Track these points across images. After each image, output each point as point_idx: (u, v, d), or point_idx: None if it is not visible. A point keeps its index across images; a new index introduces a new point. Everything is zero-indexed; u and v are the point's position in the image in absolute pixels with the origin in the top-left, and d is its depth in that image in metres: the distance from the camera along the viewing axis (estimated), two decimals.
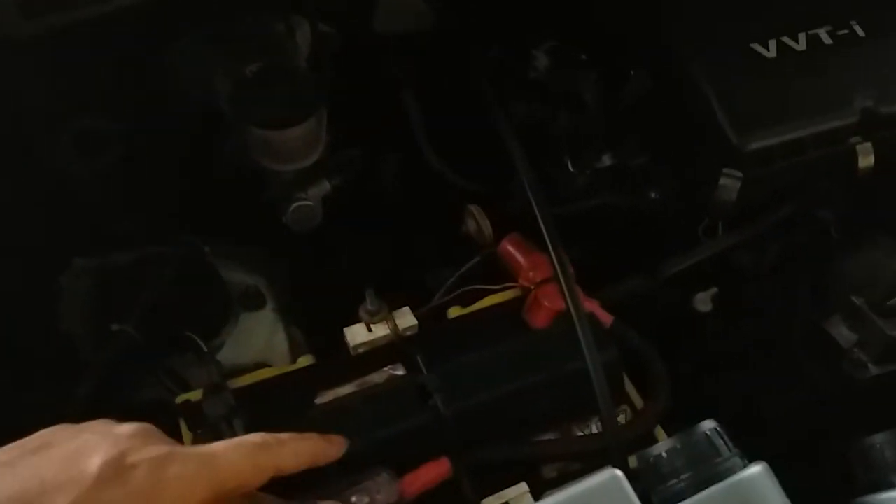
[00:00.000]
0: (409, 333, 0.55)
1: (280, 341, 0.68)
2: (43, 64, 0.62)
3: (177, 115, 0.70)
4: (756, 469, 0.38)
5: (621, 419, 0.52)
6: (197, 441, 0.49)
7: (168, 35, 0.68)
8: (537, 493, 0.48)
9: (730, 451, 0.39)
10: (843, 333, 0.70)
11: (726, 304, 0.70)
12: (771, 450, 0.69)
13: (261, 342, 0.67)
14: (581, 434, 0.51)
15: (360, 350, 0.54)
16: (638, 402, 0.54)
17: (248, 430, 0.48)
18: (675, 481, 0.39)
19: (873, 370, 0.69)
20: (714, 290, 0.69)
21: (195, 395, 0.52)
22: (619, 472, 0.37)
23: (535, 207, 0.51)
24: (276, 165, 0.66)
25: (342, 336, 0.58)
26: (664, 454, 0.39)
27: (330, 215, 0.73)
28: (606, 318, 0.54)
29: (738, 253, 0.70)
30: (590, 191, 0.66)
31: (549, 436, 0.51)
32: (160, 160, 0.70)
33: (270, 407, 0.51)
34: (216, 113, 0.70)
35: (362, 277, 0.76)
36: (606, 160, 0.65)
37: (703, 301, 0.69)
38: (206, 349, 0.54)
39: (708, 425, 0.40)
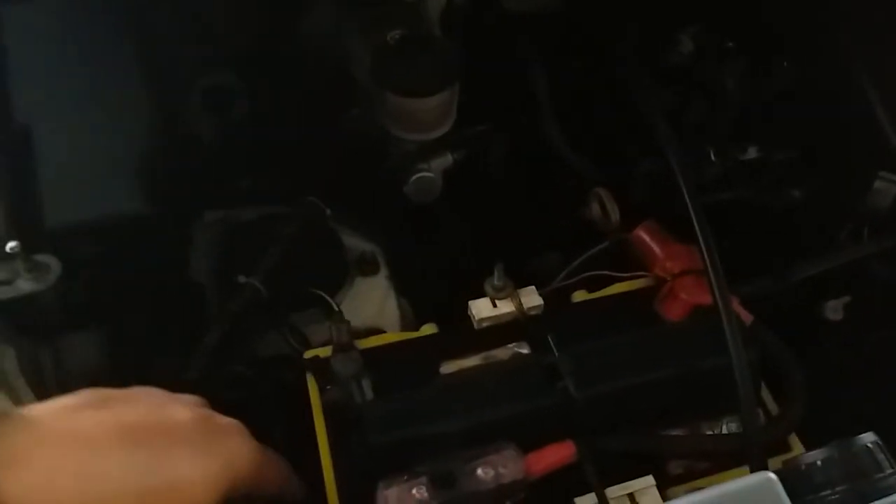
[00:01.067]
0: (533, 313, 0.54)
1: (391, 308, 0.69)
2: (181, 19, 0.64)
3: (307, 77, 0.71)
4: None
5: None
6: (326, 396, 0.50)
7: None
8: (663, 488, 0.46)
9: (892, 467, 0.37)
10: None
11: (858, 314, 0.66)
12: None
13: (374, 307, 0.67)
14: (711, 433, 0.49)
15: (484, 324, 0.54)
16: (771, 405, 0.52)
17: (375, 391, 0.49)
18: (828, 492, 0.37)
19: None
20: (847, 298, 0.66)
21: (323, 352, 0.53)
22: (773, 476, 0.36)
23: (686, 197, 0.50)
24: (407, 135, 0.66)
25: (454, 309, 0.57)
26: (819, 463, 0.38)
27: (448, 189, 0.73)
28: (747, 317, 0.52)
29: (875, 262, 0.66)
30: (726, 182, 0.64)
31: (676, 431, 0.50)
32: (286, 121, 0.72)
33: (396, 371, 0.51)
34: (347, 77, 0.71)
35: (473, 254, 0.76)
36: (752, 152, 0.62)
37: (835, 309, 0.66)
38: (336, 307, 0.55)
39: (869, 438, 0.38)
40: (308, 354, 0.54)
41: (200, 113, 0.71)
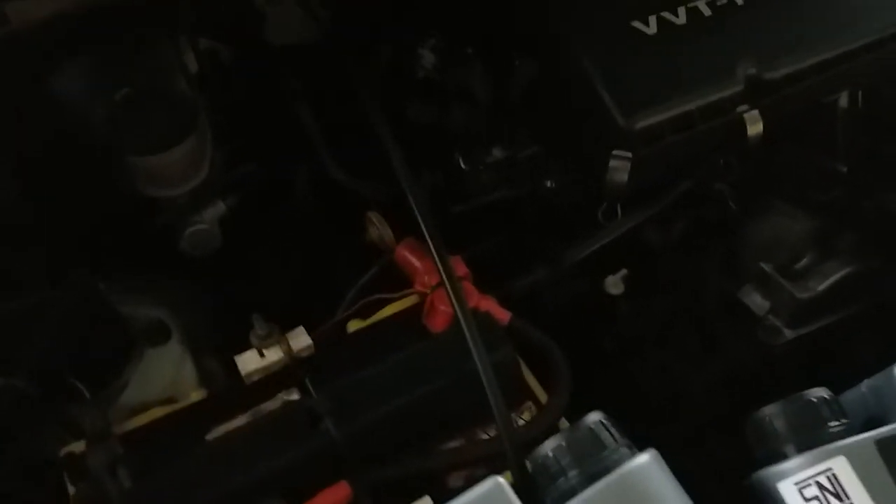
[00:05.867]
0: (304, 354, 0.53)
1: (188, 374, 0.65)
2: None
3: (63, 149, 0.67)
4: (644, 458, 0.37)
5: (526, 416, 0.51)
6: (78, 495, 0.47)
7: (47, 66, 0.65)
8: None
9: (616, 441, 0.38)
10: (756, 301, 0.70)
11: (638, 284, 0.70)
12: (691, 427, 0.69)
13: (167, 378, 0.64)
14: (485, 437, 0.49)
15: (254, 377, 0.52)
16: (543, 396, 0.53)
17: (133, 478, 0.46)
18: (563, 480, 0.38)
19: (788, 334, 0.69)
20: (624, 271, 0.69)
21: (80, 446, 0.49)
22: (501, 480, 0.36)
23: (414, 209, 0.50)
24: (160, 192, 0.63)
25: None
26: (550, 453, 0.38)
27: (236, 234, 0.70)
28: (504, 316, 0.53)
29: (645, 232, 0.70)
30: (487, 186, 0.65)
31: (455, 442, 0.50)
32: (51, 198, 0.67)
33: (161, 448, 0.48)
34: (99, 143, 0.67)
35: (275, 297, 0.74)
36: (497, 154, 0.64)
37: (615, 284, 0.69)
38: (87, 395, 0.52)
39: (593, 418, 0.39)
40: (64, 451, 0.50)
41: None
